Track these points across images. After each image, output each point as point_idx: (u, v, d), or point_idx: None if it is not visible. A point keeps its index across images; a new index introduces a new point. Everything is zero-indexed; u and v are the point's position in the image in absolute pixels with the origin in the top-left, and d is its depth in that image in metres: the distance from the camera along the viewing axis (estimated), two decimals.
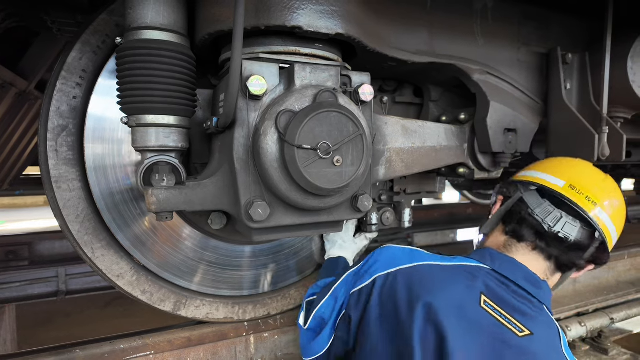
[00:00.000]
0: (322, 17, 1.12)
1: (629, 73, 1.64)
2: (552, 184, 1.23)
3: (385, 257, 1.22)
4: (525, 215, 1.21)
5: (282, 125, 1.05)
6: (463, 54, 1.55)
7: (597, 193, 1.21)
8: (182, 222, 1.62)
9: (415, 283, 1.09)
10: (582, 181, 1.23)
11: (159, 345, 1.64)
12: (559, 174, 1.26)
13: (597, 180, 1.27)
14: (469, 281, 1.10)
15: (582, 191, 1.21)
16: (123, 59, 1.14)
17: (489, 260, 1.18)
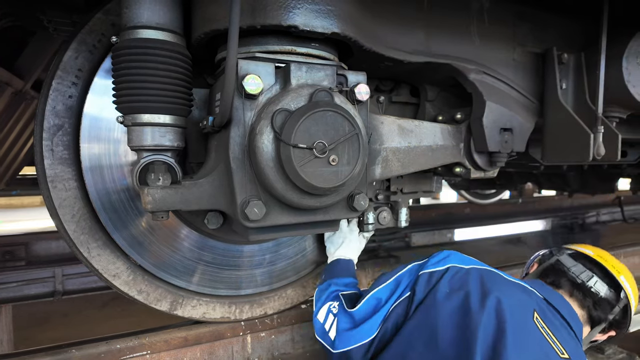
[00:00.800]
0: (318, 16, 1.13)
1: (624, 73, 1.65)
2: (584, 252, 1.48)
3: (456, 256, 1.35)
4: (563, 269, 1.45)
5: (277, 124, 1.05)
6: (459, 53, 1.55)
7: (619, 266, 1.46)
8: (178, 221, 1.61)
9: (488, 280, 1.22)
10: (606, 256, 1.49)
11: (156, 345, 1.63)
12: (586, 249, 1.51)
13: (616, 259, 1.51)
14: (526, 297, 1.23)
15: (608, 261, 1.45)
16: (119, 57, 1.14)
17: (540, 289, 1.33)
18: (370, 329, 1.25)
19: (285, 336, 1.89)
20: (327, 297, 1.43)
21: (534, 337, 1.11)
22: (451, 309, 1.15)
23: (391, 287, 1.31)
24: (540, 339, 1.12)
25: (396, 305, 1.27)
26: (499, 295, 1.15)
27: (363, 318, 1.27)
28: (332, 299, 1.41)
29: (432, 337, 1.13)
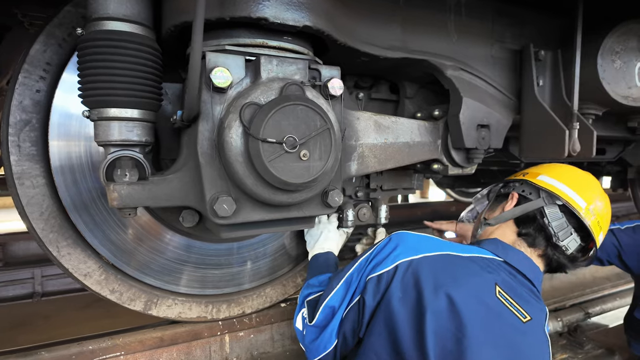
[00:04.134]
0: (289, 8, 1.11)
1: (599, 70, 1.66)
2: (577, 204, 1.34)
3: (406, 243, 1.25)
4: (543, 224, 1.33)
5: (246, 118, 1.03)
6: (436, 49, 1.54)
7: (606, 218, 1.41)
8: (152, 219, 1.58)
9: (439, 272, 1.16)
10: (599, 205, 1.38)
11: (130, 346, 1.60)
12: (584, 193, 1.37)
13: (608, 206, 1.44)
14: (485, 272, 1.20)
15: (596, 215, 1.36)
16: (84, 50, 1.10)
17: (502, 253, 1.29)
18: (329, 338, 1.24)
19: (264, 335, 1.87)
20: (301, 303, 1.42)
21: (497, 314, 1.12)
22: (407, 313, 1.12)
23: (341, 293, 1.26)
24: (504, 311, 1.13)
25: (348, 311, 1.23)
26: (451, 289, 1.11)
27: (322, 327, 1.26)
28: (304, 306, 1.40)
29: (395, 346, 1.11)
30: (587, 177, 1.47)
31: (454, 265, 1.19)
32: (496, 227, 1.43)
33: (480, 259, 1.25)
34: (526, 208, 1.39)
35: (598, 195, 1.40)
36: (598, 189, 1.43)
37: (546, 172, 1.47)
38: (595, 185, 1.45)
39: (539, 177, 1.45)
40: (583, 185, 1.41)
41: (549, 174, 1.45)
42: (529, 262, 1.29)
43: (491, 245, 1.33)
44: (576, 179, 1.43)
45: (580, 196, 1.36)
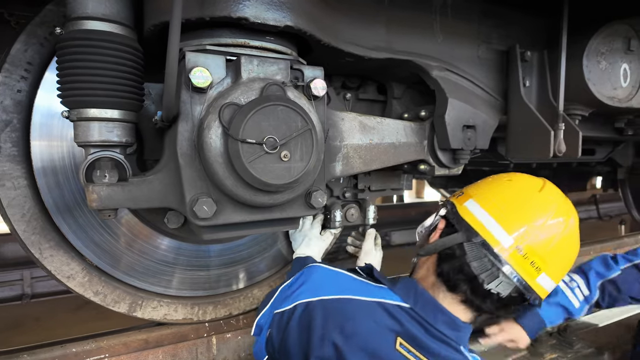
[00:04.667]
0: (270, 8, 1.10)
1: (585, 71, 1.67)
2: (497, 242, 1.05)
3: (311, 281, 1.16)
4: (463, 264, 1.06)
5: (225, 118, 1.02)
6: (422, 50, 1.54)
7: (547, 256, 1.05)
8: (137, 221, 1.57)
9: (333, 318, 1.06)
10: (534, 239, 1.05)
11: (114, 348, 1.59)
12: (510, 224, 1.06)
13: (552, 236, 1.06)
14: (386, 321, 1.05)
15: (528, 254, 1.04)
16: (63, 50, 1.09)
17: (412, 299, 1.10)
18: (262, 352, 1.22)
19: (252, 337, 1.86)
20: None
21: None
22: (298, 356, 1.06)
23: (267, 314, 1.22)
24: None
25: (268, 335, 1.20)
26: (339, 339, 1.02)
27: (257, 340, 1.25)
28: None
29: None
30: (527, 195, 1.13)
31: (351, 311, 1.07)
32: (425, 260, 1.20)
33: (385, 305, 1.08)
34: (446, 242, 1.12)
35: (537, 221, 1.06)
36: (541, 211, 1.08)
37: (476, 194, 1.18)
38: (537, 207, 1.09)
39: (466, 202, 1.16)
40: (513, 209, 1.09)
41: (478, 196, 1.16)
42: (442, 314, 1.08)
43: (403, 288, 1.14)
44: (507, 202, 1.11)
45: (504, 226, 1.06)
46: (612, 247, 3.33)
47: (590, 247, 3.22)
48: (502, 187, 1.17)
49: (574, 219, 1.12)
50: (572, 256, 1.12)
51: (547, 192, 1.13)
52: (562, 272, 1.12)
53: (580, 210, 7.47)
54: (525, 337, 1.72)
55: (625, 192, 3.69)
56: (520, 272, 1.04)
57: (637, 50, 1.74)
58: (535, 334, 1.74)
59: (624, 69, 1.73)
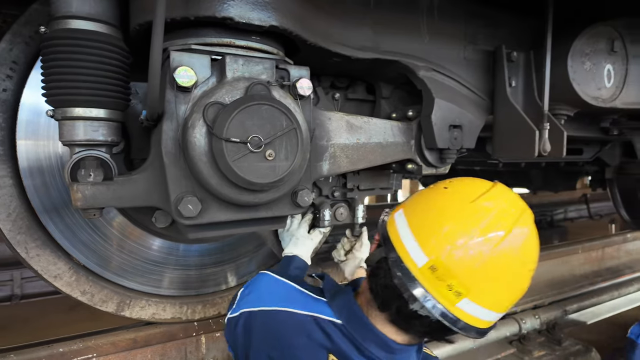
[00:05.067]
0: (255, 8, 1.11)
1: (569, 71, 1.69)
2: (411, 259, 0.92)
3: (257, 290, 1.15)
4: (388, 281, 0.95)
5: (209, 117, 1.03)
6: (408, 50, 1.56)
7: (469, 278, 0.89)
8: (125, 220, 1.57)
9: (269, 330, 1.04)
10: (453, 258, 0.89)
11: (102, 348, 1.59)
12: (427, 239, 0.92)
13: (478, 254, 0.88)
14: (318, 336, 1.01)
15: (444, 276, 0.89)
16: (47, 48, 1.09)
17: (345, 316, 1.03)
18: (229, 347, 1.21)
19: None
20: None
21: None
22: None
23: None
24: None
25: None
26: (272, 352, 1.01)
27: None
28: None
29: None
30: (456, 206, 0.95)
31: (286, 325, 1.03)
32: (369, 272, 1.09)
33: (318, 320, 1.03)
34: (373, 256, 1.04)
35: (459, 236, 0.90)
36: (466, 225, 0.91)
37: (408, 204, 1.05)
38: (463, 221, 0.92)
39: (396, 213, 1.04)
40: (434, 223, 0.94)
41: (407, 207, 1.03)
42: (372, 334, 0.99)
43: (340, 301, 1.07)
44: (431, 214, 0.97)
45: (420, 242, 0.92)
46: (600, 245, 3.38)
47: (579, 246, 3.26)
48: (433, 196, 1.02)
49: (516, 234, 0.90)
50: (511, 278, 0.92)
51: (482, 202, 0.93)
52: (500, 297, 0.93)
53: (572, 210, 7.56)
54: None
55: (613, 192, 3.74)
56: (436, 295, 0.90)
57: (620, 52, 1.77)
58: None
59: (607, 69, 1.75)
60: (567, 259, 3.16)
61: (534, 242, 0.94)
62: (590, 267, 3.29)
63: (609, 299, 3.04)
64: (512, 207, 0.94)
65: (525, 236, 0.92)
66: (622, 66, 1.80)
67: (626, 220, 3.95)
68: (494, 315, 0.94)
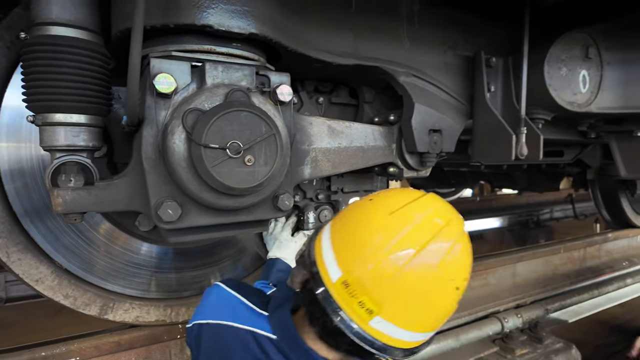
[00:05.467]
0: (234, 16, 1.13)
1: (546, 77, 1.74)
2: (326, 273, 0.90)
3: (208, 302, 1.14)
4: (313, 296, 0.91)
5: (188, 123, 1.05)
6: (389, 56, 1.59)
7: (381, 295, 0.84)
8: (107, 223, 1.57)
9: (213, 345, 1.04)
10: (364, 274, 0.85)
11: (85, 351, 1.59)
12: (343, 254, 0.90)
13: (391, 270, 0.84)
14: (256, 352, 1.00)
15: (356, 292, 0.85)
16: (27, 54, 1.10)
17: (280, 331, 1.01)
18: None
19: None
20: None
21: None
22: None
23: None
24: None
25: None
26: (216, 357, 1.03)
27: None
28: None
29: None
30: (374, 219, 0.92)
31: (227, 339, 1.03)
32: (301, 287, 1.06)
33: (256, 334, 1.02)
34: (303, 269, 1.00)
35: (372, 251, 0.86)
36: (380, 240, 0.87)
37: (337, 217, 1.02)
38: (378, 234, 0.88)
39: (326, 226, 1.01)
40: (351, 237, 0.91)
41: (334, 220, 1.01)
42: (302, 351, 0.97)
43: (277, 316, 1.05)
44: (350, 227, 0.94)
45: (337, 257, 0.90)
46: (582, 245, 3.46)
47: (561, 245, 3.33)
48: (357, 209, 0.98)
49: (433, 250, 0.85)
50: (430, 296, 0.86)
51: (402, 215, 0.89)
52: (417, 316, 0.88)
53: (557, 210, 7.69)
54: None
55: (594, 193, 3.83)
56: (349, 312, 0.86)
57: (594, 58, 1.83)
58: None
59: (583, 75, 1.81)
60: (550, 258, 3.23)
61: (458, 257, 0.88)
62: (572, 266, 3.36)
63: (590, 297, 3.11)
64: (436, 218, 0.90)
65: (445, 252, 0.86)
66: (596, 72, 1.85)
67: (607, 220, 4.05)
68: (414, 335, 0.89)
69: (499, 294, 2.87)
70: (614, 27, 1.85)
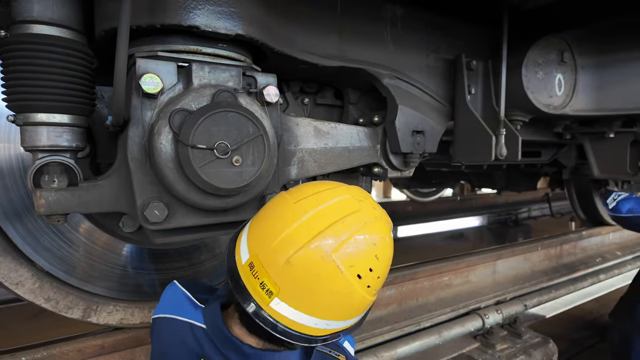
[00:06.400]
0: (220, 17, 1.13)
1: (524, 80, 1.80)
2: (239, 256, 0.94)
3: (163, 298, 1.15)
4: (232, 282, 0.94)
5: (175, 124, 1.05)
6: (373, 59, 1.62)
7: (277, 276, 0.86)
8: (90, 225, 1.55)
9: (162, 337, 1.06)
10: (268, 252, 0.88)
11: (67, 355, 1.56)
12: (254, 237, 0.93)
13: (286, 253, 0.85)
14: (192, 343, 1.01)
15: (258, 274, 0.88)
16: (7, 53, 1.08)
17: (209, 322, 1.03)
18: None
19: None
20: None
21: None
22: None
23: None
24: None
25: None
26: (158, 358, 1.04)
27: None
28: None
29: None
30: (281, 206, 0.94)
31: (168, 331, 1.05)
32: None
33: (192, 326, 1.04)
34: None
35: (272, 234, 0.89)
36: (281, 224, 0.89)
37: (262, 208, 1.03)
38: (281, 219, 0.90)
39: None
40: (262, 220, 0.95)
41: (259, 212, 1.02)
42: (226, 339, 0.98)
43: (208, 307, 1.07)
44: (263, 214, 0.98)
45: (248, 240, 0.94)
46: (558, 243, 3.57)
47: (538, 243, 3.43)
48: (274, 199, 1.01)
49: (333, 237, 0.85)
50: (322, 282, 0.85)
51: (306, 203, 0.91)
52: (314, 301, 0.88)
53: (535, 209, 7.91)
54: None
55: (570, 192, 3.96)
56: (252, 294, 0.89)
57: (569, 62, 1.90)
58: None
59: (558, 78, 1.88)
60: (528, 255, 3.32)
61: (360, 246, 0.87)
62: (549, 263, 3.47)
63: (566, 293, 3.21)
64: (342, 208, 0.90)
65: (343, 239, 0.86)
66: (571, 76, 1.93)
67: (582, 218, 4.20)
68: (317, 322, 0.89)
69: (480, 291, 2.94)
70: (587, 33, 1.93)
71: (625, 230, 4.29)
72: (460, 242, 6.87)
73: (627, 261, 3.87)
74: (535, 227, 7.54)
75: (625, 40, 1.93)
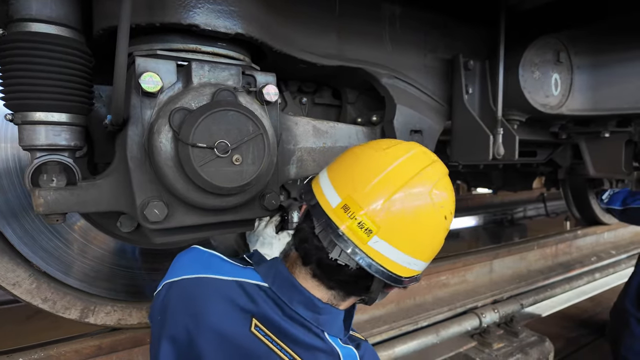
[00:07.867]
0: (220, 16, 1.13)
1: (520, 80, 1.82)
2: (326, 201, 0.94)
3: (180, 262, 1.08)
4: (309, 234, 0.96)
5: (175, 123, 1.04)
6: (372, 58, 1.62)
7: (376, 216, 0.89)
8: (88, 225, 1.54)
9: (189, 298, 0.98)
10: (364, 195, 0.91)
11: (65, 356, 1.55)
12: (341, 182, 0.96)
13: (386, 194, 0.90)
14: (243, 301, 0.97)
15: (355, 214, 0.90)
16: (5, 51, 1.07)
17: (271, 277, 1.01)
18: None
19: None
20: None
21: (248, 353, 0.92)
22: (155, 337, 1.01)
23: None
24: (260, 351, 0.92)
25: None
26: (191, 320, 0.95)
27: None
28: None
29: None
30: (368, 154, 0.99)
31: (206, 291, 0.98)
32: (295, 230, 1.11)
33: (243, 283, 1.00)
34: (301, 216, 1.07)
35: (368, 177, 0.93)
36: (375, 168, 0.94)
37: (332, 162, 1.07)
38: (373, 165, 0.95)
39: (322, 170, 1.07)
40: (348, 167, 0.99)
41: (331, 163, 1.06)
42: (297, 292, 0.98)
43: (266, 266, 1.04)
44: (346, 161, 1.01)
45: (335, 186, 0.96)
46: (554, 242, 3.60)
47: (534, 243, 3.46)
48: (350, 151, 1.05)
49: (427, 177, 0.93)
50: (421, 219, 0.92)
51: (394, 150, 0.98)
52: (411, 238, 0.92)
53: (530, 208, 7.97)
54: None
55: (565, 191, 3.99)
56: (348, 234, 0.90)
57: (565, 62, 1.92)
58: None
59: (554, 78, 1.89)
60: (524, 255, 3.35)
61: (446, 188, 0.96)
62: (545, 262, 3.50)
63: (562, 292, 3.24)
64: (423, 155, 1.00)
65: (435, 181, 0.94)
66: (567, 76, 1.94)
67: (577, 217, 4.24)
68: (409, 260, 0.93)
69: (477, 290, 2.95)
70: (583, 33, 1.95)
71: (619, 230, 4.33)
72: (457, 241, 6.90)
73: (621, 260, 3.91)
74: (531, 227, 7.60)
75: (620, 40, 1.95)
